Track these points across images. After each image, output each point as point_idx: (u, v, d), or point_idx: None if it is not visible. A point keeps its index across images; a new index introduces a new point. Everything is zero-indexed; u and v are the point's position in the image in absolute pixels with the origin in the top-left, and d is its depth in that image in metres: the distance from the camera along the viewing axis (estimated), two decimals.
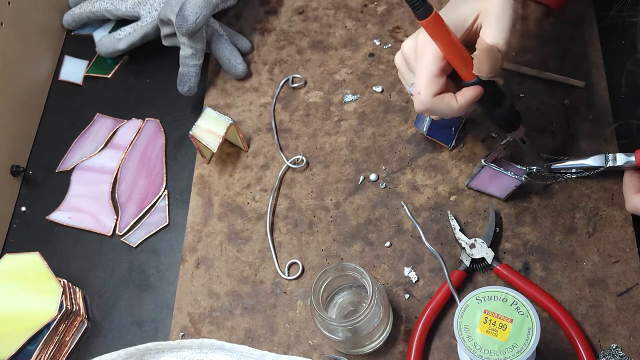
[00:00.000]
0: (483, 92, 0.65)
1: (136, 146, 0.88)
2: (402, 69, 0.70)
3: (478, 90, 0.65)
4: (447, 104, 0.65)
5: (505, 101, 0.68)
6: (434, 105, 0.65)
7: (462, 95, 0.65)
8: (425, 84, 0.64)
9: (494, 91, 0.67)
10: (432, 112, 0.66)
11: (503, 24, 0.62)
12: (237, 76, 0.89)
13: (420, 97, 0.65)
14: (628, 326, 0.68)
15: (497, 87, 0.67)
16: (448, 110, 0.65)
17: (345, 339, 0.67)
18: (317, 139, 0.84)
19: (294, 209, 0.80)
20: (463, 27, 0.65)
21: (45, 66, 0.95)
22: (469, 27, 0.65)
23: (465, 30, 0.65)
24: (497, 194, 0.75)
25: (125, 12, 0.93)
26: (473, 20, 0.65)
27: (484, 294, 0.61)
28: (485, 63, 0.63)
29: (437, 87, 0.64)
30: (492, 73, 0.63)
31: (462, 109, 0.65)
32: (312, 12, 0.93)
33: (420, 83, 0.65)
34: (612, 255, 0.72)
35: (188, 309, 0.76)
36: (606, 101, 0.79)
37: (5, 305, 0.74)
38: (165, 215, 0.82)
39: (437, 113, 0.66)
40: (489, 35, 0.62)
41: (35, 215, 0.85)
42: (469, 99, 0.65)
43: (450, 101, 0.65)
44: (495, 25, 0.62)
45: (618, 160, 0.72)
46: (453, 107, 0.65)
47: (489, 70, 0.63)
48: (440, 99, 0.65)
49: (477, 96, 0.65)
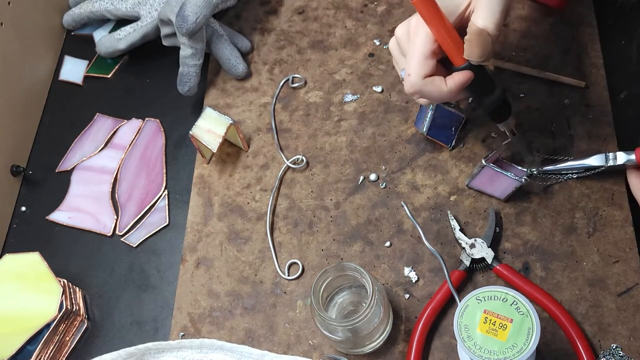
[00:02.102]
0: (473, 77, 0.65)
1: (136, 146, 0.88)
2: (395, 53, 0.70)
3: (468, 74, 0.65)
4: (437, 86, 0.65)
5: (495, 89, 0.68)
6: (423, 87, 0.65)
7: (452, 79, 0.65)
8: (416, 65, 0.64)
9: (484, 77, 0.67)
10: (422, 94, 0.66)
11: (494, 8, 0.63)
12: (237, 76, 0.89)
13: (410, 78, 0.65)
14: (628, 326, 0.68)
15: (488, 74, 0.67)
16: (438, 93, 0.65)
17: (345, 339, 0.67)
18: (317, 139, 0.84)
19: (294, 209, 0.80)
20: (456, 12, 0.65)
21: (45, 66, 0.95)
22: (462, 12, 0.65)
23: (458, 15, 0.65)
24: (497, 195, 0.75)
25: (125, 12, 0.93)
26: (466, 6, 0.65)
27: (484, 294, 0.61)
28: (476, 47, 0.63)
29: (428, 68, 0.64)
30: (483, 57, 0.63)
31: (451, 93, 0.65)
32: (312, 12, 0.93)
33: (411, 64, 0.65)
34: (612, 255, 0.72)
35: (188, 309, 0.76)
36: (606, 101, 0.79)
37: (5, 305, 0.74)
38: (165, 215, 0.82)
39: (427, 96, 0.66)
40: (480, 19, 0.63)
41: (35, 215, 0.85)
42: (459, 83, 0.65)
43: (440, 84, 0.65)
44: (486, 9, 0.63)
45: (619, 159, 0.72)
46: (443, 90, 0.65)
47: (480, 55, 0.63)
48: (430, 81, 0.65)
49: (467, 81, 0.65)
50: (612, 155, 0.72)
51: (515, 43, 0.85)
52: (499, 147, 0.73)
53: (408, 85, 0.66)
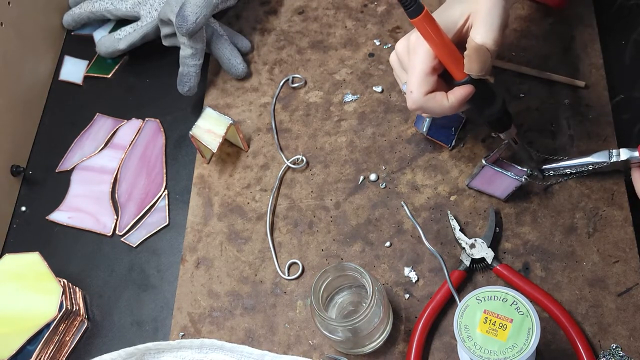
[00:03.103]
0: (474, 91, 0.66)
1: (136, 146, 0.88)
2: (396, 68, 0.71)
3: (469, 89, 0.66)
4: (438, 102, 0.66)
5: (496, 100, 0.68)
6: (425, 104, 0.66)
7: (454, 94, 0.66)
8: (417, 82, 0.65)
9: (485, 90, 0.67)
10: (424, 110, 0.67)
11: (492, 24, 0.64)
12: (237, 76, 0.89)
13: (412, 95, 0.66)
14: (628, 326, 0.68)
15: (488, 86, 0.68)
16: (439, 108, 0.66)
17: (345, 339, 0.67)
18: (317, 139, 0.84)
19: (294, 209, 0.80)
20: (454, 27, 0.66)
21: (45, 66, 0.95)
22: (460, 28, 0.66)
23: (456, 30, 0.66)
24: (498, 195, 0.75)
25: (125, 12, 0.93)
26: (464, 21, 0.66)
27: (484, 294, 0.61)
28: (475, 62, 0.63)
29: (429, 85, 0.65)
30: (482, 72, 0.64)
31: (453, 108, 0.66)
32: (312, 12, 0.93)
33: (412, 81, 0.66)
34: (612, 255, 0.72)
35: (188, 309, 0.76)
36: (606, 101, 0.79)
37: (5, 305, 0.74)
38: (165, 215, 0.82)
39: (429, 112, 0.67)
40: (478, 35, 0.63)
41: (35, 215, 0.85)
42: (460, 98, 0.66)
43: (441, 100, 0.66)
44: (484, 25, 0.64)
45: (622, 155, 0.72)
46: (444, 105, 0.66)
47: (479, 69, 0.64)
48: (432, 98, 0.65)
49: (468, 95, 0.66)
50: (615, 152, 0.72)
51: (515, 43, 0.85)
52: (499, 147, 0.73)
53: (410, 102, 0.66)
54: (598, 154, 0.73)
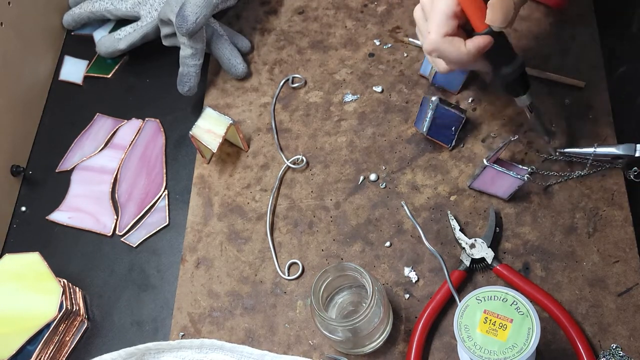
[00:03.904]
0: (493, 42, 0.65)
1: (136, 146, 0.88)
2: (419, 21, 0.70)
3: (488, 39, 0.65)
4: (455, 46, 0.65)
5: (515, 59, 0.68)
6: (442, 46, 0.65)
7: (472, 42, 0.65)
8: (437, 23, 0.64)
9: (504, 46, 0.67)
10: (440, 53, 0.66)
11: None
12: (237, 76, 0.89)
13: (430, 35, 0.65)
14: (628, 326, 0.68)
15: (508, 43, 0.67)
16: (456, 53, 0.65)
17: (345, 339, 0.67)
18: (317, 139, 0.84)
19: (294, 209, 0.80)
20: None
21: (45, 66, 0.95)
22: None
23: None
24: (500, 194, 0.75)
25: (125, 12, 0.93)
26: None
27: (484, 294, 0.61)
28: (499, 12, 0.63)
29: (449, 27, 0.64)
30: (504, 23, 0.63)
31: (470, 56, 0.65)
32: (312, 12, 0.93)
33: (433, 23, 0.65)
34: (612, 255, 0.72)
35: (188, 309, 0.76)
36: (606, 101, 0.79)
37: (5, 305, 0.74)
38: (165, 215, 0.82)
39: (445, 56, 0.66)
40: None
41: (35, 215, 0.85)
42: (479, 46, 0.65)
43: (459, 45, 0.65)
44: None
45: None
46: (462, 51, 0.65)
47: (502, 20, 0.63)
48: (450, 41, 0.65)
49: (487, 45, 0.65)
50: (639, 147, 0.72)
51: (515, 43, 0.84)
52: (499, 147, 0.73)
53: (427, 43, 0.66)
54: (624, 146, 0.73)
